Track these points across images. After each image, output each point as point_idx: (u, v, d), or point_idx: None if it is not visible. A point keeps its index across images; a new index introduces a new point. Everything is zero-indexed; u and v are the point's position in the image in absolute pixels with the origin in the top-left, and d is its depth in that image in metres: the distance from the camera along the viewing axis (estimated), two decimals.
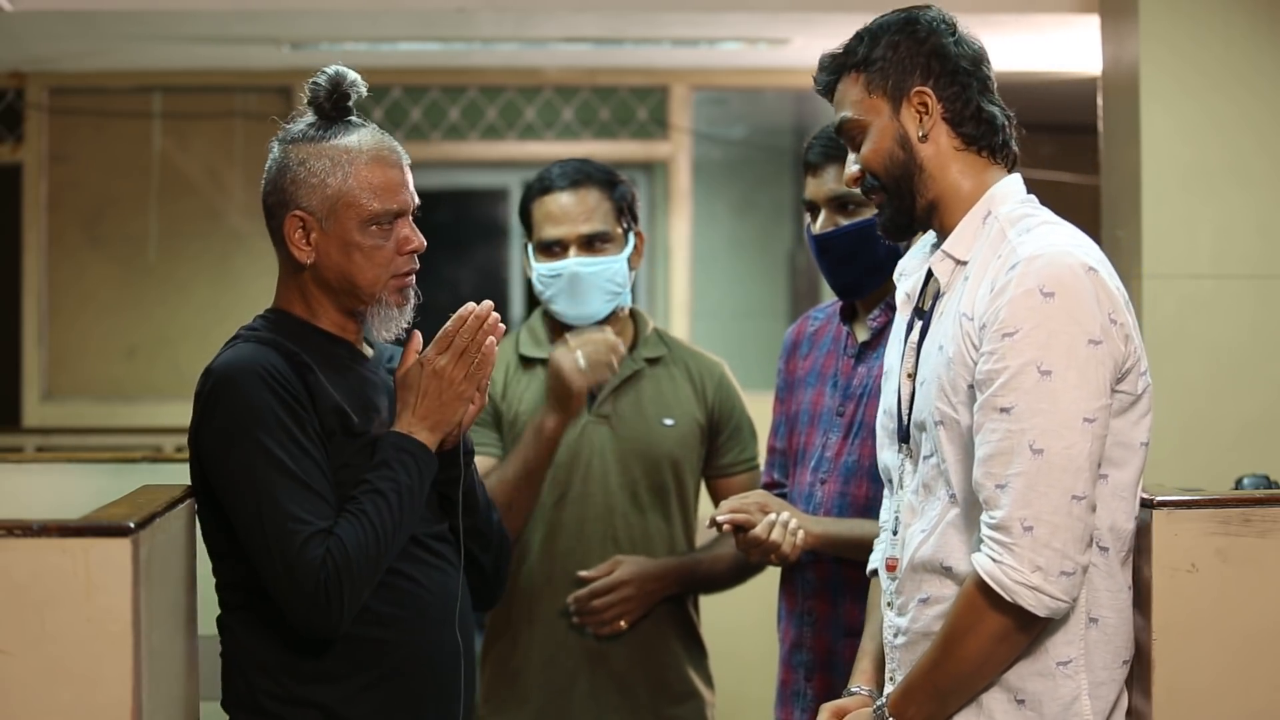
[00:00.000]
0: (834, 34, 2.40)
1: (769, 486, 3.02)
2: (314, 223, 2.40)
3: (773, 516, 2.75)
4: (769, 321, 6.93)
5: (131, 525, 2.00)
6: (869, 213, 2.81)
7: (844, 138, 2.34)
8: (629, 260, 3.20)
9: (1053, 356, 2.08)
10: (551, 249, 3.17)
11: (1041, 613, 2.09)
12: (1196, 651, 2.22)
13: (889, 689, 2.29)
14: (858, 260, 2.83)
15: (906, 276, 2.37)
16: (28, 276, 6.26)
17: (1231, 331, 4.04)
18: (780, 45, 5.69)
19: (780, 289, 7.11)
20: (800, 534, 2.75)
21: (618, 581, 3.10)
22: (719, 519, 2.78)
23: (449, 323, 2.41)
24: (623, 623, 3.12)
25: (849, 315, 2.93)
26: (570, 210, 3.16)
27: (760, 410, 3.31)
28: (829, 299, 3.04)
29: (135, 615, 1.99)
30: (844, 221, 2.82)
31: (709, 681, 3.30)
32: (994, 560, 2.09)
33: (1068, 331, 2.09)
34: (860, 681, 2.43)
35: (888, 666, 2.32)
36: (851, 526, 2.78)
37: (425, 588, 2.42)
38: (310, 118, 2.46)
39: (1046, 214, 2.26)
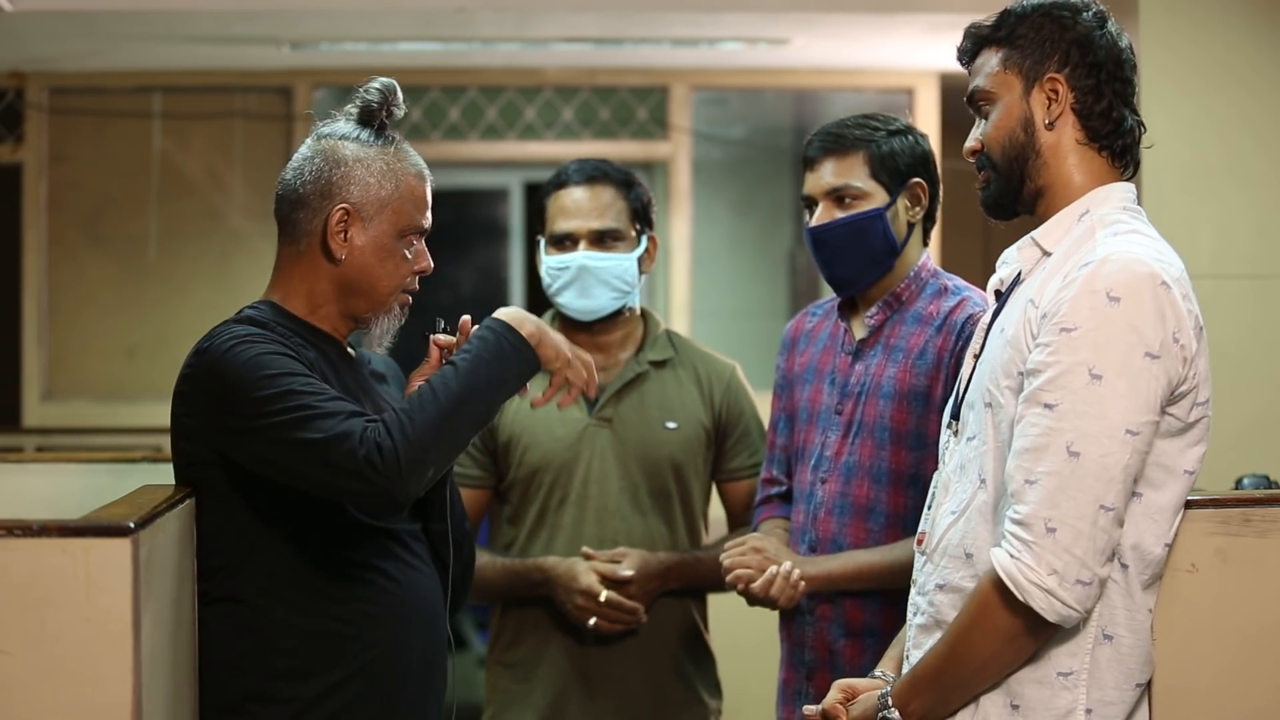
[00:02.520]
0: (834, 34, 2.41)
1: (768, 483, 3.02)
2: (357, 219, 2.44)
3: (773, 570, 2.77)
4: (769, 321, 6.92)
5: (131, 525, 2.00)
6: (865, 206, 2.82)
7: (972, 107, 2.33)
8: (640, 262, 3.20)
9: (1106, 361, 2.05)
10: (562, 242, 3.18)
11: (1052, 618, 2.06)
12: (1196, 651, 2.22)
13: (904, 669, 2.28)
14: (853, 253, 2.83)
15: (1006, 264, 2.33)
16: (28, 276, 6.25)
17: (1231, 331, 4.03)
18: (780, 45, 5.69)
19: (780, 289, 7.11)
20: (801, 584, 2.77)
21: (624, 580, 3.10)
22: (727, 580, 2.84)
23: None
24: (642, 616, 3.12)
25: (847, 311, 2.93)
26: (583, 205, 3.17)
27: (763, 409, 3.31)
28: (829, 298, 3.04)
29: (135, 615, 1.99)
30: (840, 214, 2.82)
31: (715, 689, 3.29)
32: (1012, 557, 2.07)
33: (1126, 339, 2.06)
34: (886, 667, 2.42)
35: (905, 644, 2.31)
36: (847, 561, 2.79)
37: (401, 585, 2.42)
38: (352, 122, 2.49)
39: (1144, 225, 2.23)
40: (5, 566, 1.97)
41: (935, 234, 3.11)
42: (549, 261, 3.19)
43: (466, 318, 2.50)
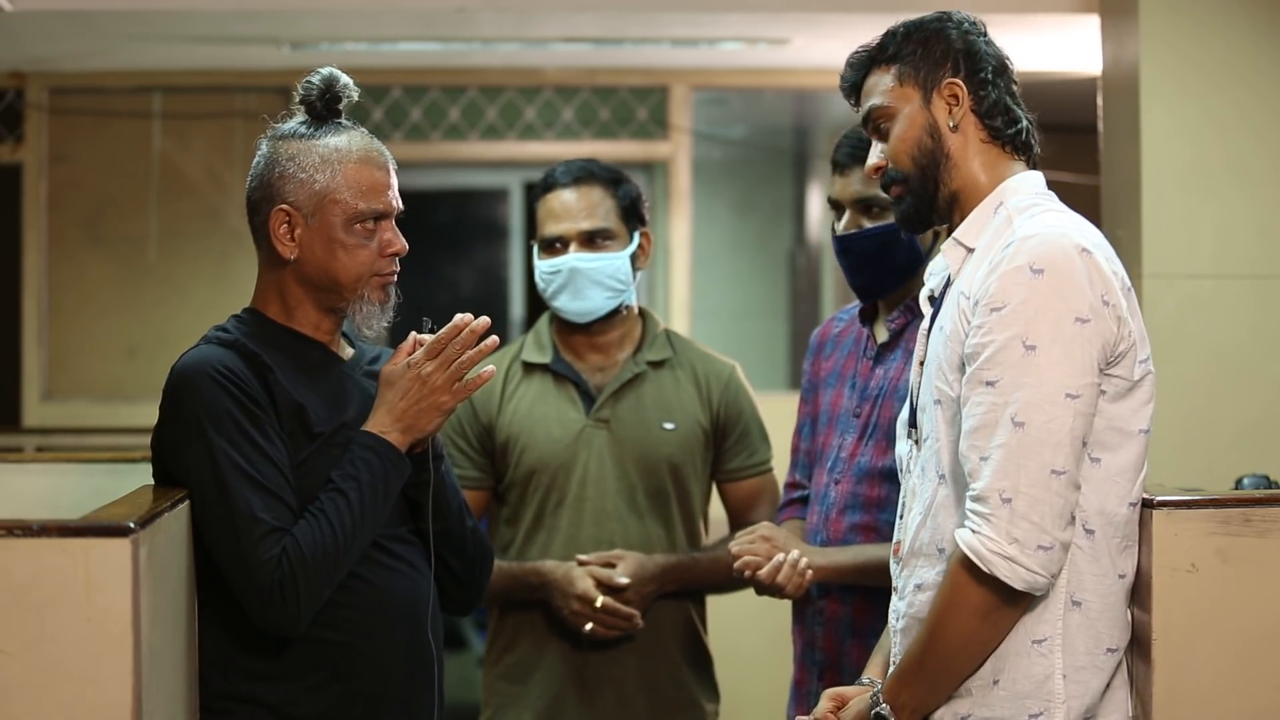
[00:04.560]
0: (834, 34, 2.42)
1: (791, 487, 3.02)
2: (299, 218, 2.43)
3: (780, 557, 2.77)
4: (769, 321, 6.93)
5: (131, 525, 2.00)
6: (892, 217, 2.82)
7: (869, 127, 2.37)
8: (634, 259, 3.20)
9: (1038, 332, 2.11)
10: (553, 245, 3.18)
11: (1018, 585, 2.10)
12: (1196, 651, 2.22)
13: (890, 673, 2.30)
14: (879, 263, 2.83)
15: (934, 275, 2.39)
16: (28, 276, 6.25)
17: (1231, 331, 4.04)
18: (780, 45, 5.68)
19: (780, 289, 7.10)
20: (809, 573, 2.76)
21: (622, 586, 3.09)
22: (735, 566, 2.81)
23: (443, 330, 2.42)
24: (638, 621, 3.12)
25: (869, 317, 2.93)
26: (571, 207, 3.17)
27: (763, 410, 3.30)
28: (829, 299, 3.04)
29: (135, 615, 1.99)
30: (868, 223, 2.83)
31: (712, 690, 3.29)
32: (974, 532, 2.11)
33: (1054, 308, 2.11)
34: (872, 673, 2.45)
35: (891, 652, 2.33)
36: (856, 554, 2.79)
37: (380, 589, 2.42)
38: (300, 117, 2.50)
39: (1056, 204, 2.28)
40: (5, 566, 1.97)
41: None
42: (541, 266, 3.19)
43: (464, 316, 2.49)
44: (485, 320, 2.44)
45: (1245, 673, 2.24)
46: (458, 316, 2.43)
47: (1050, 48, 5.31)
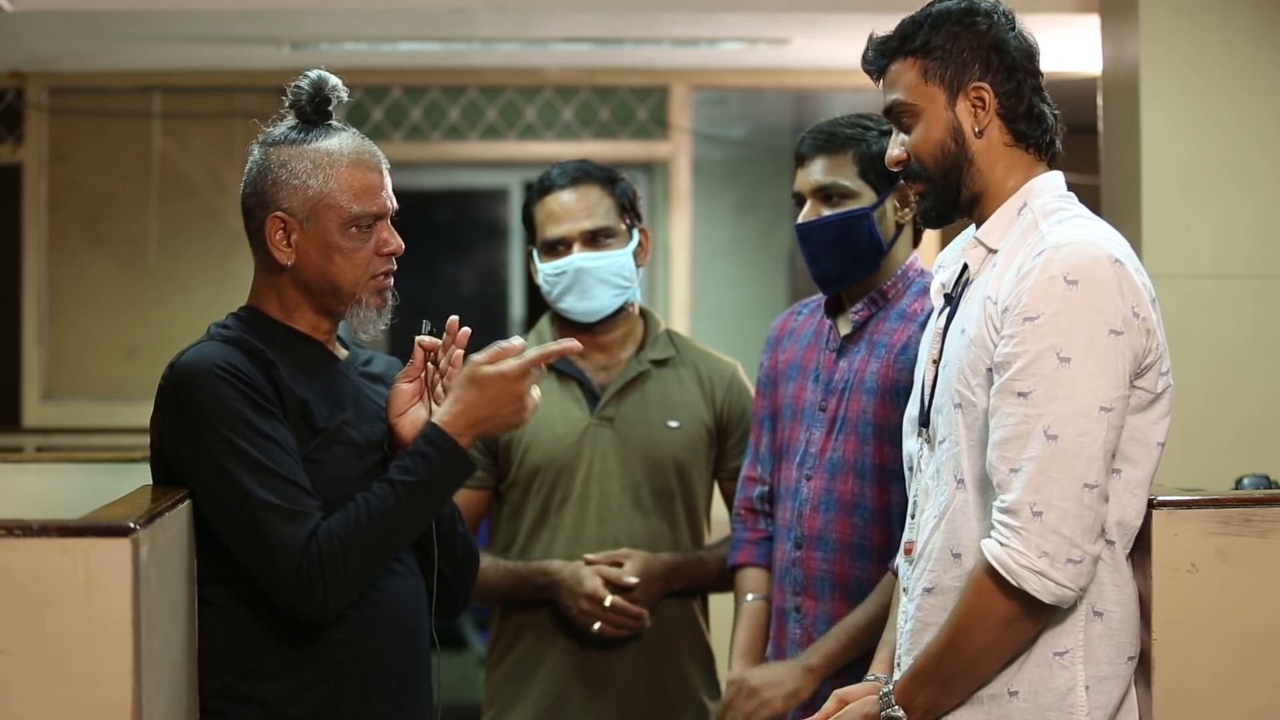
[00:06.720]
0: (834, 34, 2.41)
1: (750, 481, 3.02)
2: (295, 224, 2.42)
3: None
4: (769, 321, 6.91)
5: (131, 525, 2.00)
6: (853, 204, 2.83)
7: (892, 120, 2.34)
8: (635, 256, 3.20)
9: (1073, 344, 2.09)
10: (555, 247, 3.17)
11: (1047, 599, 2.09)
12: (1196, 651, 2.22)
13: (897, 674, 2.30)
14: (839, 250, 2.83)
15: (944, 268, 2.37)
16: (28, 276, 6.25)
17: (1231, 331, 4.04)
18: (780, 45, 5.69)
19: (780, 289, 7.10)
20: (805, 692, 2.78)
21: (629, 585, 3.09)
22: None
23: (537, 351, 2.41)
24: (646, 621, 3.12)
25: (833, 309, 2.94)
26: (571, 207, 3.16)
27: None
28: (817, 296, 3.05)
29: (135, 615, 1.99)
30: (827, 212, 2.83)
31: (714, 689, 3.29)
32: (1001, 544, 2.10)
33: (1089, 320, 2.10)
34: (877, 670, 2.45)
35: (897, 652, 2.33)
36: (839, 635, 2.78)
37: (375, 588, 2.41)
38: (291, 121, 2.48)
39: (1082, 210, 2.27)
40: (5, 566, 1.97)
41: (932, 233, 3.11)
42: (545, 268, 3.18)
43: (454, 318, 2.49)
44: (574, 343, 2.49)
45: (1245, 673, 2.24)
46: (563, 344, 2.47)
47: (1050, 48, 5.30)
